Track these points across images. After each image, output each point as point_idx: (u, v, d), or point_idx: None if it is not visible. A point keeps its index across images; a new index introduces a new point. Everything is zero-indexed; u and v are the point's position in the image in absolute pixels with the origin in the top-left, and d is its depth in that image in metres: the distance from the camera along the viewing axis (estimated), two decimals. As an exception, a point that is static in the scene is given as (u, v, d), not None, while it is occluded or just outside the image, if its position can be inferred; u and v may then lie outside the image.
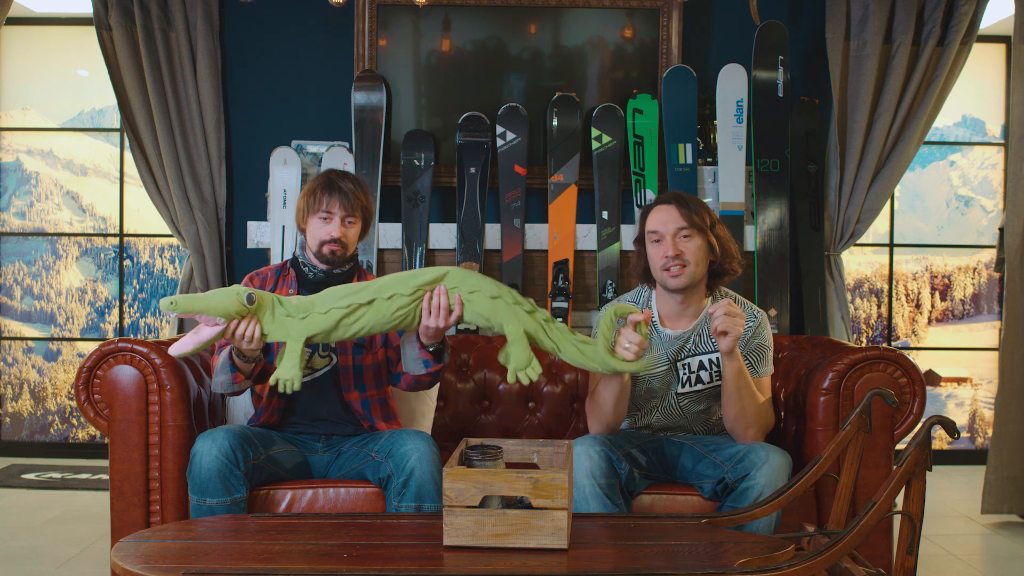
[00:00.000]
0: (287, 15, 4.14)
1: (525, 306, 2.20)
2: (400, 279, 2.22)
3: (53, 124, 4.66)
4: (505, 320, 2.18)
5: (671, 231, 2.39)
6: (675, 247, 2.38)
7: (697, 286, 2.44)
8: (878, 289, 4.66)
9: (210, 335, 2.15)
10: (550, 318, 2.22)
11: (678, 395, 2.47)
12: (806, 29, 4.17)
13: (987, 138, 4.73)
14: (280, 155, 3.95)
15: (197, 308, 2.14)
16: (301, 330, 2.17)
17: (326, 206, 2.49)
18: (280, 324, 2.18)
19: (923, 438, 1.69)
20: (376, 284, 2.22)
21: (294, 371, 2.15)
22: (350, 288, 2.21)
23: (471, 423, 3.01)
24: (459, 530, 1.79)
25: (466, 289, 2.20)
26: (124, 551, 1.77)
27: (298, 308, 2.19)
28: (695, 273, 2.39)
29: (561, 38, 4.10)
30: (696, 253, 2.39)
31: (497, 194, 3.96)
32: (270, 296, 2.20)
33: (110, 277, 4.64)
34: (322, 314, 2.17)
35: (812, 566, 1.67)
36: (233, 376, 2.36)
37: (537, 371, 2.17)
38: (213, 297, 2.15)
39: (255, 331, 2.17)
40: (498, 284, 2.22)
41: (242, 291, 2.16)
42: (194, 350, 2.16)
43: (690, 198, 2.45)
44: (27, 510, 3.66)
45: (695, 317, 2.45)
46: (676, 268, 2.38)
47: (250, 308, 2.16)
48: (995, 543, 3.37)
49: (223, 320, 2.14)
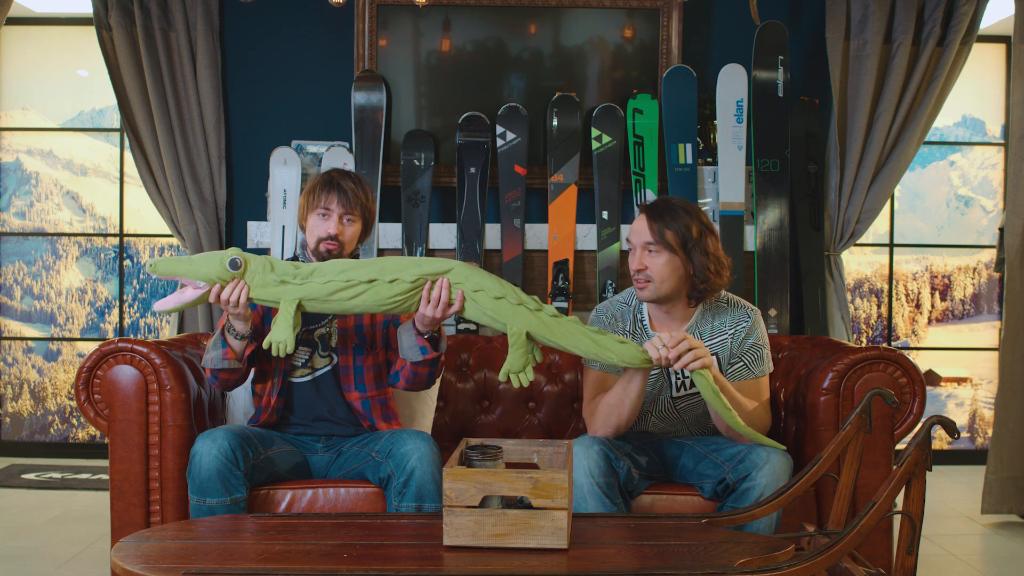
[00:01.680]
0: (287, 15, 4.14)
1: (530, 305, 2.17)
2: (404, 265, 2.20)
3: (53, 124, 4.66)
4: (508, 321, 2.16)
5: (639, 243, 2.36)
6: (640, 261, 2.35)
7: (673, 298, 2.39)
8: (878, 289, 4.66)
9: (192, 297, 2.16)
10: (558, 314, 2.19)
11: (673, 399, 2.46)
12: (806, 29, 4.17)
13: (987, 138, 4.73)
14: (280, 155, 3.95)
15: (178, 272, 2.14)
16: (295, 293, 2.15)
17: (324, 203, 2.48)
18: (270, 288, 2.16)
19: (923, 438, 1.69)
20: (379, 264, 2.20)
21: (287, 333, 2.13)
22: (352, 263, 2.21)
23: (471, 423, 3.01)
24: (459, 530, 1.79)
25: (470, 287, 2.19)
26: (124, 551, 1.77)
27: (295, 274, 2.17)
28: (660, 289, 2.34)
29: (561, 38, 4.10)
30: (660, 270, 2.33)
31: (497, 194, 3.96)
32: (261, 260, 2.18)
33: (110, 277, 4.64)
34: (321, 283, 2.16)
35: (812, 566, 1.67)
36: (224, 352, 2.35)
37: (530, 377, 2.16)
38: (196, 261, 2.15)
39: (240, 296, 2.16)
40: (502, 283, 2.20)
41: (226, 256, 2.14)
42: (174, 309, 2.19)
43: (670, 209, 2.35)
44: (27, 510, 3.66)
45: (684, 322, 2.43)
46: (642, 281, 2.36)
47: (234, 273, 2.14)
48: (995, 543, 3.37)
49: (204, 284, 2.14)
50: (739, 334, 2.40)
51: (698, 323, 2.42)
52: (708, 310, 2.43)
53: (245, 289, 2.17)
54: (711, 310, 2.43)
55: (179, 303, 2.17)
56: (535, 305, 2.18)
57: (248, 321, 2.32)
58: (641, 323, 2.47)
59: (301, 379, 2.52)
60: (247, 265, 2.17)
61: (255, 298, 2.18)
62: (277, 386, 2.50)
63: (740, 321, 2.42)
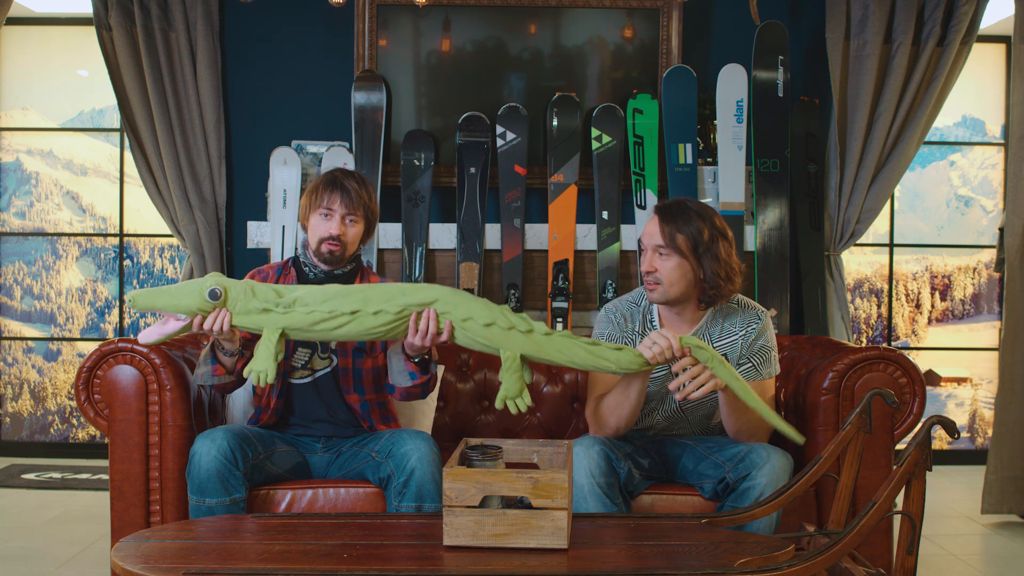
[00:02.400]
0: (287, 15, 4.14)
1: (521, 327, 2.13)
2: (389, 294, 2.16)
3: (53, 124, 4.66)
4: (501, 346, 2.13)
5: (650, 245, 2.35)
6: (650, 263, 2.34)
7: (683, 301, 2.38)
8: (878, 289, 4.66)
9: (175, 328, 2.15)
10: (550, 331, 2.16)
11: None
12: (806, 29, 4.17)
13: (987, 138, 4.73)
14: (280, 155, 3.95)
15: (158, 305, 2.12)
16: (277, 322, 2.12)
17: (327, 203, 2.47)
18: (252, 316, 2.14)
19: (923, 438, 1.69)
20: (362, 294, 2.16)
21: (267, 363, 2.10)
22: (336, 291, 2.16)
23: (471, 423, 3.01)
24: (459, 530, 1.79)
25: (459, 316, 2.14)
26: (124, 551, 1.77)
27: (277, 301, 2.13)
28: (669, 292, 2.34)
29: (561, 38, 4.10)
30: (670, 274, 2.32)
31: (497, 194, 3.96)
32: (242, 286, 2.15)
33: (110, 277, 4.64)
34: (304, 313, 2.13)
35: (812, 566, 1.67)
36: (213, 368, 2.34)
37: (527, 402, 2.13)
38: (176, 293, 2.12)
39: (223, 323, 2.14)
40: (490, 307, 2.15)
41: (205, 286, 2.12)
42: (158, 341, 2.18)
43: (683, 212, 2.33)
44: (27, 510, 3.66)
45: (693, 324, 2.42)
46: (652, 283, 2.35)
47: (215, 304, 2.12)
48: (995, 543, 3.37)
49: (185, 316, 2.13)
50: (750, 335, 2.40)
51: (707, 325, 2.42)
52: (718, 312, 2.43)
53: (227, 317, 2.14)
54: (721, 312, 2.43)
55: (161, 335, 2.15)
56: (526, 326, 2.14)
57: (236, 340, 2.30)
58: (651, 323, 2.47)
59: (301, 380, 2.52)
60: (227, 293, 2.13)
61: (237, 325, 2.16)
62: (277, 387, 2.50)
63: (751, 323, 2.42)
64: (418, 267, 3.91)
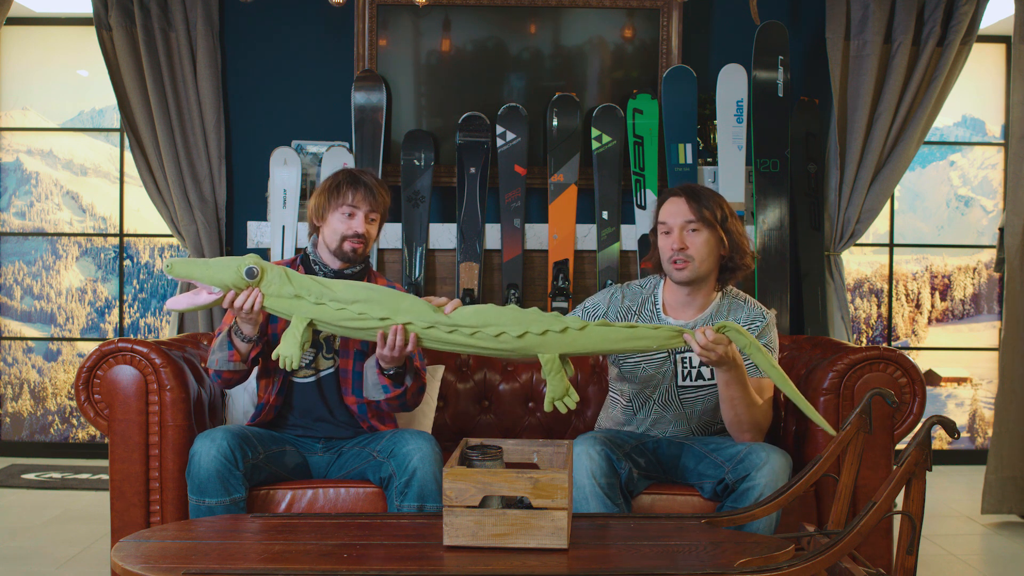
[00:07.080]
0: (287, 15, 4.14)
1: (555, 327, 2.10)
2: (419, 310, 2.15)
3: (53, 124, 4.66)
4: (539, 351, 2.12)
5: (679, 223, 2.39)
6: (681, 240, 2.38)
7: (705, 280, 2.43)
8: (878, 289, 4.66)
9: (206, 300, 2.16)
10: (583, 322, 2.13)
11: (679, 387, 2.46)
12: (806, 29, 4.17)
13: (987, 138, 4.73)
14: (280, 155, 3.96)
15: (194, 275, 2.13)
16: (308, 312, 2.13)
17: (352, 200, 2.44)
18: (284, 300, 2.15)
19: (923, 438, 1.69)
20: (393, 302, 2.15)
21: (294, 348, 2.12)
22: (365, 293, 2.16)
23: (471, 423, 3.01)
24: (459, 530, 1.79)
25: (490, 334, 2.11)
26: (124, 551, 1.77)
27: (311, 291, 2.14)
28: (699, 268, 2.39)
29: (561, 38, 4.10)
30: (702, 248, 2.38)
31: (497, 194, 3.96)
32: (280, 270, 2.16)
33: (110, 277, 4.64)
34: (334, 309, 2.13)
35: (812, 566, 1.67)
36: (230, 354, 2.35)
37: (575, 399, 2.12)
38: (213, 266, 2.14)
39: (255, 303, 2.15)
40: (520, 317, 2.11)
41: (243, 264, 2.13)
42: (187, 309, 2.20)
43: (703, 191, 2.43)
44: (27, 510, 3.66)
45: (701, 310, 2.45)
46: (681, 261, 2.38)
47: (250, 282, 2.14)
48: (995, 543, 3.37)
49: (219, 290, 2.14)
50: (753, 332, 2.41)
51: (714, 314, 2.44)
52: (725, 303, 2.46)
53: (260, 298, 2.15)
54: (728, 304, 2.46)
55: (192, 304, 2.17)
56: (560, 325, 2.11)
57: (257, 325, 2.31)
58: (654, 306, 2.48)
59: (304, 379, 2.52)
60: (264, 274, 2.15)
61: (268, 307, 2.17)
62: (277, 384, 2.50)
63: (755, 320, 2.44)
64: (418, 267, 3.92)
